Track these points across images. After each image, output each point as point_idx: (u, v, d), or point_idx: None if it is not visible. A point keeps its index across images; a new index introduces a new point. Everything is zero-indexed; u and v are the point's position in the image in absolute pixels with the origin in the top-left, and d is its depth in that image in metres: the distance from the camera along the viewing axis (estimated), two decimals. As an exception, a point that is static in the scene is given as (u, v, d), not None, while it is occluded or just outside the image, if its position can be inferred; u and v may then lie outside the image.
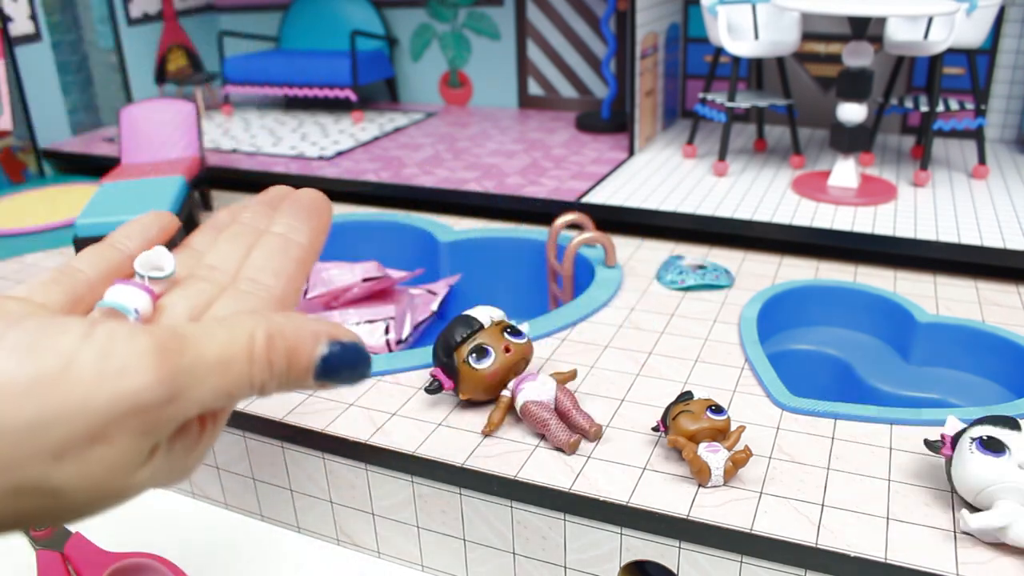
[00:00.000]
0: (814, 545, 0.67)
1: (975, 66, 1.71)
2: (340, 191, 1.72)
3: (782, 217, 1.37)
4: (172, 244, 0.33)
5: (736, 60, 1.72)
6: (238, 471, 0.91)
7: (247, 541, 0.88)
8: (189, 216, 1.49)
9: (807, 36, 2.00)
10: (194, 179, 1.57)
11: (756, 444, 0.80)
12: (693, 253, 1.30)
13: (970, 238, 1.25)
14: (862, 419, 0.84)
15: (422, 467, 0.80)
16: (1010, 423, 0.69)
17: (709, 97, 1.80)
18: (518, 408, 0.83)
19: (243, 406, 0.89)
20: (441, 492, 0.80)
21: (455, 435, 0.83)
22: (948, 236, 1.26)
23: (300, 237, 0.33)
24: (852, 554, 0.66)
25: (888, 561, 0.65)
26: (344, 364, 0.26)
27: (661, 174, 1.68)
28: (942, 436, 0.72)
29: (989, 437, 0.68)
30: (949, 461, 0.71)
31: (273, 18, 2.94)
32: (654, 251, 1.32)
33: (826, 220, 1.35)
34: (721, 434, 0.76)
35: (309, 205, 0.36)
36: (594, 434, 0.81)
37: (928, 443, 0.73)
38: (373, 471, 0.83)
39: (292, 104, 2.76)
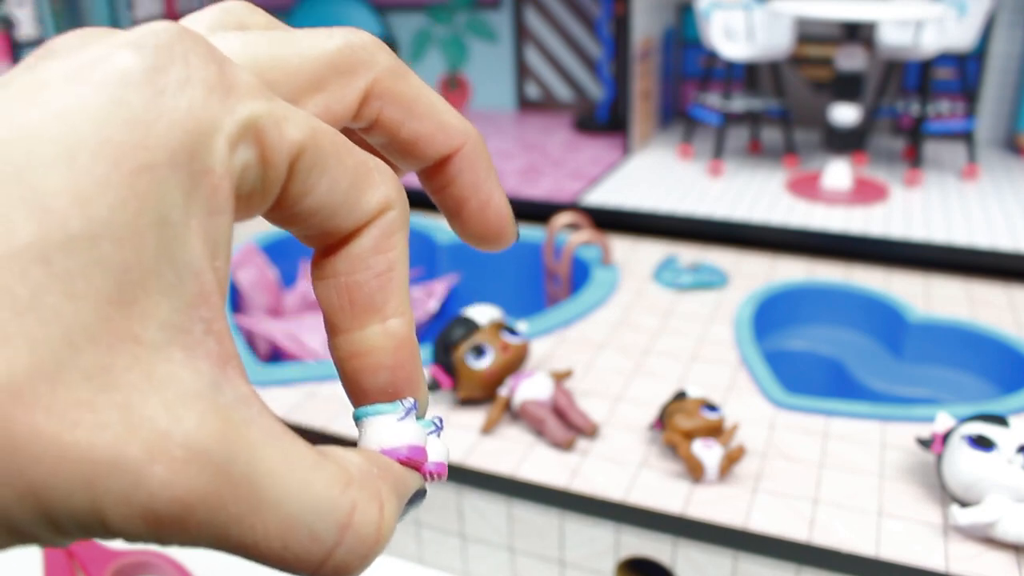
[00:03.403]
0: (807, 541, 0.68)
1: (966, 69, 1.73)
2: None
3: (776, 217, 1.38)
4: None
5: (730, 63, 1.74)
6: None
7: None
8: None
9: (800, 39, 2.01)
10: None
11: (750, 441, 0.81)
12: (689, 253, 1.32)
13: (960, 238, 1.27)
14: (854, 416, 0.85)
15: (421, 465, 0.81)
16: (999, 420, 0.71)
17: (704, 100, 1.82)
18: (516, 407, 0.85)
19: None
20: (440, 489, 0.81)
21: (454, 433, 0.84)
22: (939, 236, 1.28)
23: None
24: (844, 550, 0.67)
25: (879, 556, 0.66)
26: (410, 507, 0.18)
27: (657, 175, 1.69)
28: (933, 433, 0.73)
29: (979, 434, 0.69)
30: (939, 458, 0.72)
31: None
32: (650, 251, 1.34)
33: (819, 220, 1.37)
34: (716, 431, 0.77)
35: None
36: (591, 432, 0.82)
37: (920, 441, 0.74)
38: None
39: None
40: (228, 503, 0.12)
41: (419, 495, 0.18)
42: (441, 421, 0.19)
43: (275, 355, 1.18)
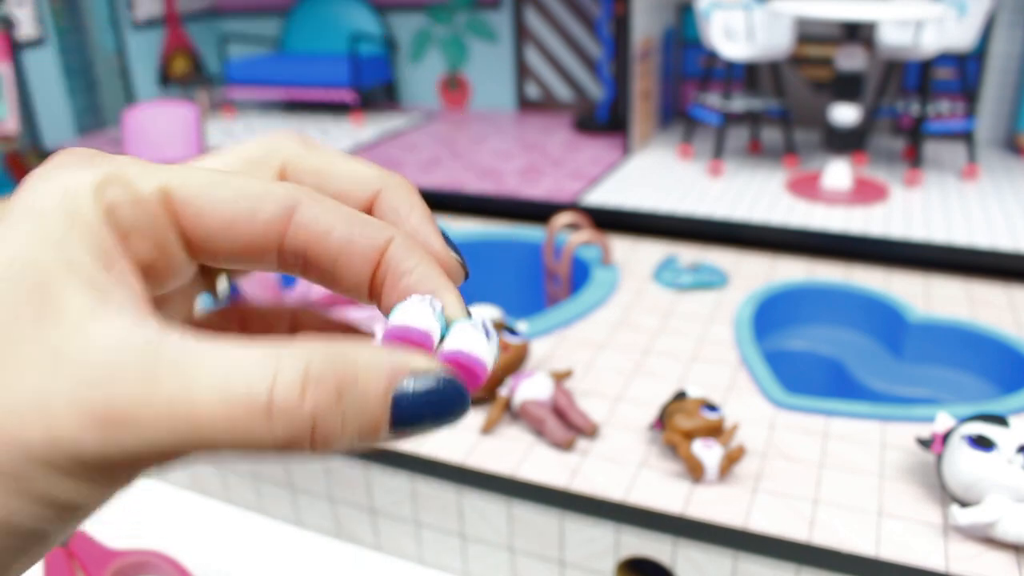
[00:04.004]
0: (807, 541, 0.68)
1: (966, 69, 1.73)
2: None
3: (776, 217, 1.38)
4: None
5: (730, 63, 1.74)
6: (240, 468, 0.93)
7: (248, 537, 0.89)
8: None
9: (800, 39, 2.01)
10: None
11: (750, 441, 0.81)
12: (689, 253, 1.32)
13: (960, 238, 1.27)
14: (854, 416, 0.85)
15: (421, 464, 0.81)
16: (999, 420, 0.71)
17: (704, 100, 1.82)
18: (516, 407, 0.85)
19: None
20: (440, 489, 0.81)
21: (453, 433, 0.84)
22: (939, 236, 1.28)
23: None
24: (844, 550, 0.67)
25: (879, 556, 0.66)
26: (429, 408, 0.17)
27: (657, 175, 1.69)
28: (933, 433, 0.73)
29: (979, 434, 0.69)
30: (939, 458, 0.72)
31: (275, 21, 2.95)
32: (650, 251, 1.34)
33: (819, 220, 1.37)
34: (716, 431, 0.77)
35: None
36: (591, 432, 0.82)
37: (920, 441, 0.74)
38: (373, 468, 0.84)
39: (293, 106, 2.77)
40: (162, 389, 0.15)
41: (442, 385, 0.17)
42: (484, 322, 0.19)
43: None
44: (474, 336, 0.18)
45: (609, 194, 1.56)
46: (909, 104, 1.73)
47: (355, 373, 0.16)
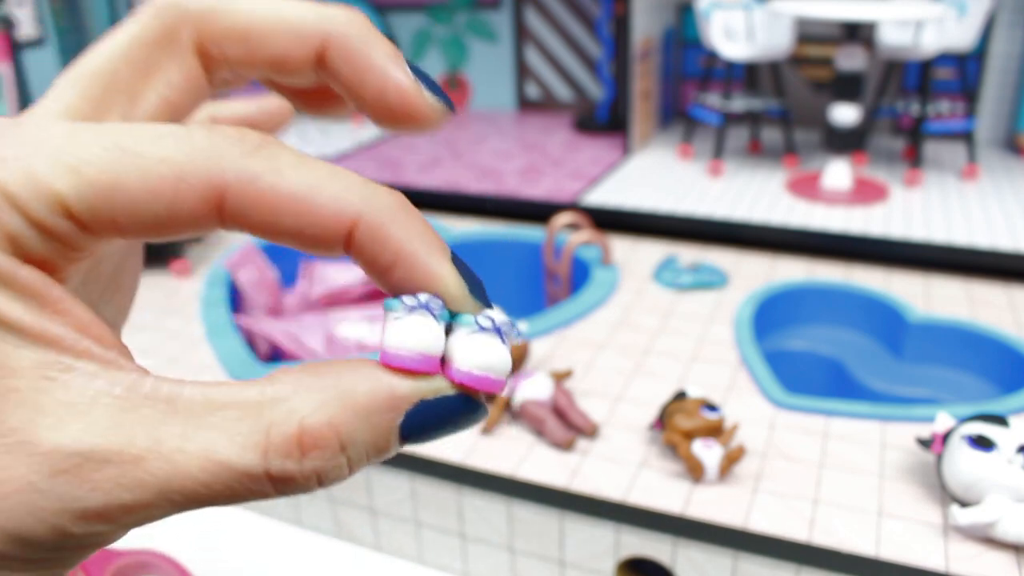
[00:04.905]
0: (807, 541, 0.68)
1: (966, 69, 1.73)
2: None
3: (776, 218, 1.38)
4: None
5: (730, 63, 1.74)
6: (239, 469, 0.92)
7: (248, 536, 0.89)
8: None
9: (800, 39, 2.02)
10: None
11: (750, 441, 0.81)
12: (689, 253, 1.32)
13: (960, 238, 1.27)
14: (854, 416, 0.85)
15: (421, 464, 0.81)
16: (999, 420, 0.71)
17: (704, 100, 1.82)
18: (516, 407, 0.85)
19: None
20: (440, 489, 0.81)
21: (454, 433, 0.84)
22: (939, 236, 1.28)
23: None
24: (844, 550, 0.67)
25: (879, 556, 0.66)
26: (439, 426, 0.16)
27: (657, 175, 1.70)
28: (933, 433, 0.73)
29: (979, 434, 0.69)
30: (939, 458, 0.72)
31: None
32: (650, 251, 1.34)
33: (819, 220, 1.37)
34: (716, 431, 0.77)
35: None
36: (591, 432, 0.82)
37: (920, 441, 0.74)
38: (372, 468, 0.84)
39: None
40: (145, 478, 0.14)
41: (455, 405, 0.15)
42: (496, 322, 0.16)
43: (275, 355, 1.18)
44: (485, 347, 0.16)
45: (609, 194, 1.56)
46: (909, 104, 1.73)
47: (356, 422, 0.15)
